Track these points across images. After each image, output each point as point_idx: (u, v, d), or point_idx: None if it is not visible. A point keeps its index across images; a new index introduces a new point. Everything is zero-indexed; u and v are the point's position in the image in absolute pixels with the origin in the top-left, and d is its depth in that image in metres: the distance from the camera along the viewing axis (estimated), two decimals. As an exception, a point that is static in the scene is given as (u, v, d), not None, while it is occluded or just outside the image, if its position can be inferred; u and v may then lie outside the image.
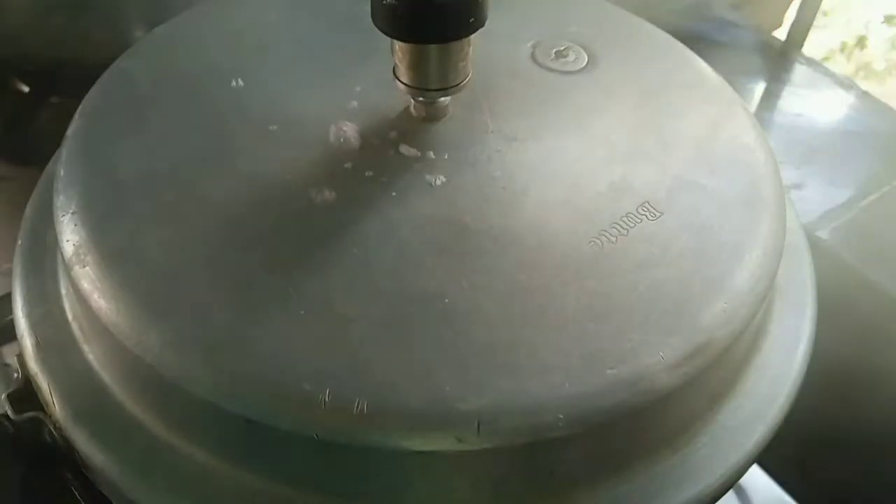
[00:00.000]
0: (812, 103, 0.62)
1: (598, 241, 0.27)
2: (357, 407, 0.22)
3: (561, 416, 0.23)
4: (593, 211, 0.28)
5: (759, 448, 0.28)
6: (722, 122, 0.32)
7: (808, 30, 0.70)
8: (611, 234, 0.27)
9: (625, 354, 0.24)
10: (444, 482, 0.24)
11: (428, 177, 0.29)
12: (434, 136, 0.30)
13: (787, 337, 0.31)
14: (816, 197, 0.53)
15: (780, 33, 0.72)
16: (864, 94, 0.62)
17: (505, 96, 0.32)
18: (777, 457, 0.33)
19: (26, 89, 0.52)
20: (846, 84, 0.64)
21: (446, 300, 0.25)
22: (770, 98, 0.63)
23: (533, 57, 0.34)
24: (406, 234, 0.27)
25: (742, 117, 0.33)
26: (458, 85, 0.29)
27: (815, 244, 0.35)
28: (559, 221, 0.28)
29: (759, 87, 0.63)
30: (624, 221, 0.28)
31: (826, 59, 1.32)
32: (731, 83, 0.35)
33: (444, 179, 0.29)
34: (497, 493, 0.25)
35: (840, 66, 1.35)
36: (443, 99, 0.30)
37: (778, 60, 0.66)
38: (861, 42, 1.40)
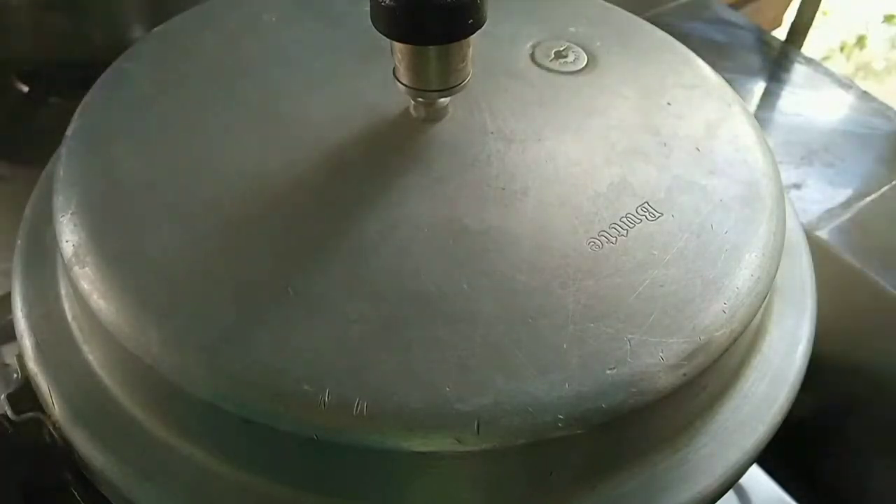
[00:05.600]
0: (812, 103, 0.62)
1: (597, 241, 0.27)
2: (357, 407, 0.22)
3: (560, 417, 0.23)
4: (593, 211, 0.28)
5: (759, 448, 0.28)
6: (721, 123, 0.32)
7: (807, 30, 0.70)
8: (610, 235, 0.27)
9: (624, 355, 0.24)
10: (443, 483, 0.24)
11: (428, 177, 0.29)
12: (434, 137, 0.30)
13: (787, 337, 0.31)
14: (816, 197, 0.53)
15: (780, 33, 0.72)
16: (864, 94, 0.62)
17: (504, 97, 0.32)
18: (777, 457, 0.33)
19: (26, 89, 0.52)
20: (846, 84, 0.64)
21: (446, 301, 0.25)
22: (770, 98, 0.63)
23: (532, 57, 0.34)
24: (406, 234, 0.27)
25: (741, 117, 0.33)
26: (457, 86, 0.29)
27: (815, 244, 0.35)
28: (559, 222, 0.28)
29: (759, 87, 0.63)
30: (623, 222, 0.28)
31: (826, 58, 1.32)
32: (730, 83, 0.35)
33: (443, 180, 0.29)
34: (497, 494, 0.25)
35: (840, 65, 1.35)
36: (442, 100, 0.30)
37: (778, 60, 0.66)
38: (861, 42, 1.40)
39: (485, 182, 0.29)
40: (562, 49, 0.34)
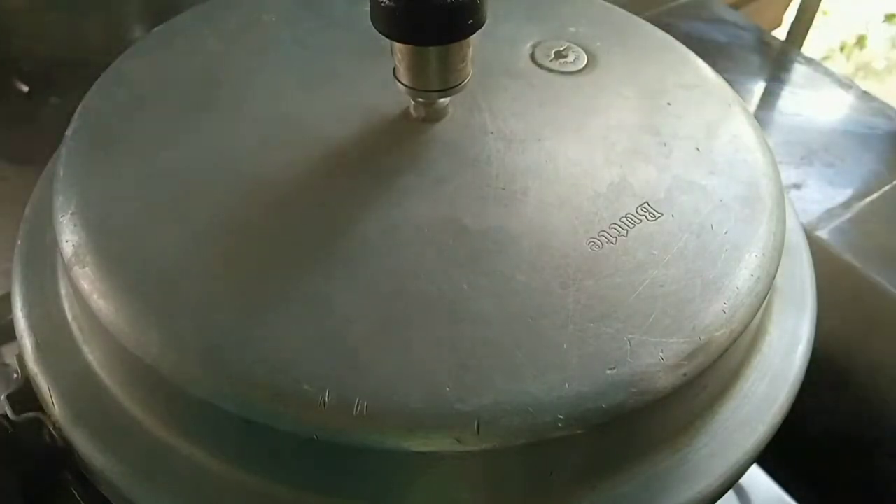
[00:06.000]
0: (812, 103, 0.62)
1: (597, 241, 0.27)
2: (357, 407, 0.22)
3: (560, 417, 0.23)
4: (593, 211, 0.28)
5: (759, 448, 0.28)
6: (721, 122, 0.32)
7: (807, 30, 0.70)
8: (610, 235, 0.27)
9: (624, 355, 0.24)
10: (443, 483, 0.24)
11: (428, 177, 0.29)
12: (434, 137, 0.30)
13: (787, 337, 0.31)
14: (816, 197, 0.53)
15: (780, 33, 0.72)
16: (864, 94, 0.62)
17: (504, 97, 0.32)
18: (777, 457, 0.33)
19: (26, 89, 0.52)
20: (846, 84, 0.63)
21: (446, 301, 0.25)
22: (770, 98, 0.63)
23: (532, 57, 0.34)
24: (406, 234, 0.27)
25: (741, 117, 0.33)
26: (457, 86, 0.29)
27: (815, 244, 0.35)
28: (559, 222, 0.28)
29: (759, 87, 0.63)
30: (623, 222, 0.28)
31: (826, 58, 1.32)
32: (730, 83, 0.35)
33: (443, 180, 0.29)
34: (497, 494, 0.25)
35: (840, 65, 1.35)
36: (442, 100, 0.30)
37: (778, 60, 0.66)
38: (861, 41, 1.40)
39: (485, 182, 0.29)
40: (562, 49, 0.34)
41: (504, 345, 0.24)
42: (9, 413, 0.28)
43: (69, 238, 0.27)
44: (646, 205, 0.28)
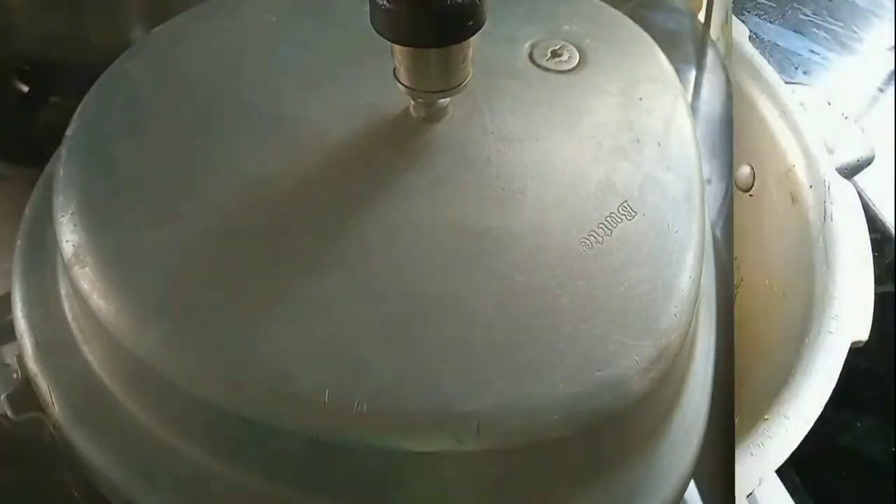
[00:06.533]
0: (714, 88, 0.60)
1: (587, 241, 0.27)
2: (356, 407, 0.23)
3: (557, 418, 0.23)
4: (585, 211, 0.28)
5: (699, 458, 0.28)
6: (672, 116, 0.32)
7: (711, 7, 0.68)
8: (598, 235, 0.27)
9: (609, 357, 0.24)
10: (443, 483, 0.24)
11: (428, 178, 0.29)
12: (434, 137, 0.30)
13: (705, 345, 0.31)
14: (717, 191, 0.51)
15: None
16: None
17: (504, 97, 0.32)
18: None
19: (26, 89, 0.51)
20: (724, 63, 0.62)
21: (446, 301, 0.25)
22: (696, 85, 0.61)
23: (531, 57, 0.34)
24: (405, 234, 0.27)
25: (682, 109, 0.33)
26: (457, 86, 0.29)
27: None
28: (556, 222, 0.28)
29: (693, 75, 0.61)
30: (608, 221, 0.28)
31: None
32: (678, 73, 0.35)
33: (444, 180, 0.29)
34: (496, 494, 0.25)
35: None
36: (443, 100, 0.30)
37: (699, 45, 0.64)
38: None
39: (485, 182, 0.29)
40: (557, 48, 0.34)
41: (504, 345, 0.24)
42: (9, 413, 0.28)
43: (69, 238, 0.27)
44: (625, 204, 0.28)
